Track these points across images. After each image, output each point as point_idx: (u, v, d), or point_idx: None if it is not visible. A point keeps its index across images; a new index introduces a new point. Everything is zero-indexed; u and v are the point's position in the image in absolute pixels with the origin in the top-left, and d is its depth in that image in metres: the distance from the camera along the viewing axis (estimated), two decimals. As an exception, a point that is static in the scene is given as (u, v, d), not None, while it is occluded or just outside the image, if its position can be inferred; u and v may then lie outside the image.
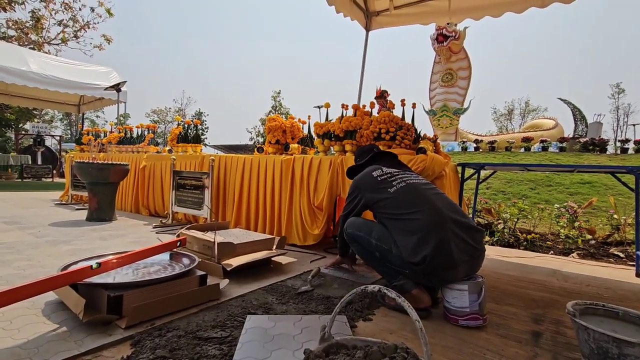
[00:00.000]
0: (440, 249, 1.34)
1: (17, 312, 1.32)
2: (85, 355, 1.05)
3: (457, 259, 1.35)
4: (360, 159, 1.94)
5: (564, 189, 5.34)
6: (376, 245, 1.52)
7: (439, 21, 3.53)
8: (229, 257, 1.87)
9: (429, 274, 1.38)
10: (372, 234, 1.55)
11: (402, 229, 1.45)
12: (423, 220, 1.41)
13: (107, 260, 1.38)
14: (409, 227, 1.43)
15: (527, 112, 29.16)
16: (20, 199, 4.87)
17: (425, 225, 1.40)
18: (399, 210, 1.50)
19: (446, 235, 1.37)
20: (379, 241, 1.52)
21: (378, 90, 2.69)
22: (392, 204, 1.54)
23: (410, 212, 1.47)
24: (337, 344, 0.85)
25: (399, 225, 1.47)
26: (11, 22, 12.47)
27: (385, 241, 1.49)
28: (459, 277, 1.39)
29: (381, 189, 1.61)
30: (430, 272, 1.36)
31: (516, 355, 1.18)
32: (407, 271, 1.43)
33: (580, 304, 1.24)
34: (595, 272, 2.36)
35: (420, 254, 1.35)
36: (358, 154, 1.99)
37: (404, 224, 1.46)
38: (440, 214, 1.43)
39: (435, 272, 1.36)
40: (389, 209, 1.54)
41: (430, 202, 1.49)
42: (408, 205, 1.49)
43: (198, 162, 3.43)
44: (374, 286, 0.78)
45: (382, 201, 1.57)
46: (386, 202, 1.56)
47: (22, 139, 12.91)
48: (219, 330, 1.23)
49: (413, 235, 1.39)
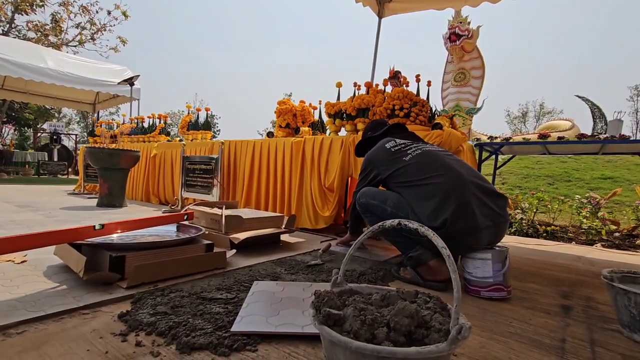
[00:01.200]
0: (462, 212, 1.25)
1: (18, 272, 1.28)
2: (83, 310, 0.99)
3: (479, 223, 1.26)
4: (372, 132, 1.85)
5: (584, 184, 5.13)
6: (392, 214, 1.42)
7: (455, 5, 3.43)
8: (236, 231, 1.81)
9: (449, 239, 1.27)
10: (386, 202, 1.46)
11: (420, 195, 1.36)
12: (442, 183, 1.32)
13: (110, 223, 1.34)
14: (427, 192, 1.34)
15: (542, 114, 28.53)
16: (35, 190, 4.93)
17: (445, 188, 1.30)
18: (415, 177, 1.41)
19: (468, 198, 1.27)
20: (395, 209, 1.42)
21: (391, 71, 2.61)
22: (408, 171, 1.45)
23: (427, 177, 1.37)
24: (350, 290, 0.77)
25: (416, 192, 1.38)
26: (31, 24, 12.85)
27: (402, 208, 1.40)
28: (481, 243, 1.30)
29: (396, 160, 1.51)
30: (450, 237, 1.25)
31: (546, 324, 1.08)
32: (424, 239, 1.33)
33: (616, 271, 1.14)
34: (623, 259, 2.22)
35: (440, 218, 1.25)
36: (370, 128, 1.91)
37: (421, 189, 1.37)
38: (460, 176, 1.34)
39: (456, 237, 1.25)
40: (404, 177, 1.45)
41: (449, 166, 1.39)
42: (425, 171, 1.40)
43: (208, 147, 3.40)
44: (393, 220, 0.71)
45: (397, 171, 1.48)
46: (401, 171, 1.47)
47: (39, 137, 13.23)
48: (225, 292, 1.16)
49: (432, 199, 1.30)
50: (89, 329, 0.88)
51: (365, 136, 1.88)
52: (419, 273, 1.40)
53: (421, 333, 0.58)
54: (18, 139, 16.21)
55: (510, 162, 5.08)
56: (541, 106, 28.83)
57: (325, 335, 0.58)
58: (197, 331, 0.87)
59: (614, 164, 5.70)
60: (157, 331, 0.87)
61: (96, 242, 1.28)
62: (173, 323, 0.90)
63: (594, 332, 1.04)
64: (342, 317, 0.61)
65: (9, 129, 16.56)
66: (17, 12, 12.38)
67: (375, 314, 0.62)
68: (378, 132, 1.80)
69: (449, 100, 12.40)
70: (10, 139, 16.50)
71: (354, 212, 1.79)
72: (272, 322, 0.93)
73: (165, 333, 0.86)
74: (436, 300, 0.70)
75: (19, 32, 12.91)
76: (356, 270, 1.53)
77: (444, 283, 1.35)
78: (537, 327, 1.05)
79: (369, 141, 1.81)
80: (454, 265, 0.58)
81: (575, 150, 3.29)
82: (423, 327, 0.59)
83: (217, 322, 0.92)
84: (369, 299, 0.72)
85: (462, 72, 12.50)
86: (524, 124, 28.99)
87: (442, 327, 0.58)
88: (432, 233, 0.63)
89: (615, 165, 5.62)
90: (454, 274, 0.57)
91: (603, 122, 8.07)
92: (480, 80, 12.53)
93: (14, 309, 0.96)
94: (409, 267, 1.44)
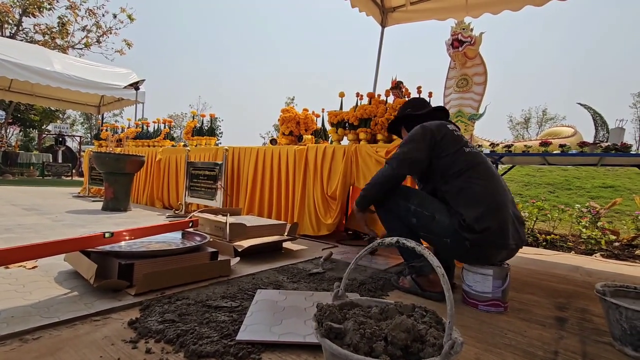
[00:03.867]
0: (501, 228, 1.27)
1: (30, 278, 1.32)
2: (94, 316, 1.04)
3: (509, 243, 1.28)
4: (413, 109, 1.64)
5: (585, 193, 5.15)
6: (414, 211, 1.37)
7: (457, 16, 3.48)
8: (240, 239, 1.85)
9: (477, 247, 1.28)
10: (410, 199, 1.39)
11: (469, 192, 1.31)
12: (492, 193, 1.32)
13: (119, 231, 1.38)
14: (475, 194, 1.30)
15: (544, 120, 28.53)
16: (40, 192, 4.99)
17: (494, 199, 1.31)
18: (470, 172, 1.35)
19: (508, 217, 1.30)
20: (420, 207, 1.36)
21: (393, 81, 2.66)
22: (465, 161, 1.36)
23: (480, 178, 1.34)
24: (351, 303, 0.81)
25: (466, 186, 1.32)
26: (38, 27, 13.02)
27: (427, 207, 1.36)
28: (495, 261, 1.33)
29: (457, 144, 1.40)
30: (479, 245, 1.27)
31: (540, 336, 1.11)
32: (448, 240, 1.32)
33: (610, 285, 1.17)
34: (621, 270, 2.24)
35: (484, 224, 1.25)
36: (410, 104, 1.69)
37: (471, 186, 1.32)
38: (506, 195, 1.36)
39: (484, 246, 1.27)
40: (459, 166, 1.36)
41: (498, 178, 1.40)
42: (479, 171, 1.35)
43: (212, 153, 3.45)
44: (392, 238, 0.75)
45: (455, 154, 1.37)
46: (460, 158, 1.36)
47: (44, 139, 13.35)
48: (229, 300, 1.21)
49: (480, 202, 1.29)
50: (100, 336, 0.92)
51: (404, 112, 1.67)
52: (418, 283, 1.43)
53: (417, 347, 0.62)
54: (23, 140, 16.36)
55: (512, 170, 5.11)
56: (544, 112, 28.81)
57: (327, 347, 0.61)
58: (204, 339, 0.91)
59: (615, 173, 5.73)
60: (166, 339, 0.91)
61: (105, 249, 1.32)
62: (181, 331, 0.94)
63: (586, 344, 1.07)
64: (343, 331, 0.65)
65: (14, 130, 16.71)
66: (24, 14, 12.55)
67: (374, 328, 0.66)
68: (421, 111, 1.61)
69: (451, 106, 12.34)
70: (15, 140, 16.64)
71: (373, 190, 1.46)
72: (275, 331, 0.97)
73: (174, 341, 0.90)
74: (432, 314, 0.73)
75: (26, 34, 13.08)
76: (357, 279, 1.57)
77: (442, 294, 1.38)
78: (531, 339, 1.09)
79: (408, 119, 1.64)
80: (447, 283, 0.62)
81: (574, 162, 3.32)
82: (419, 342, 0.63)
83: (223, 331, 0.96)
84: (369, 312, 0.76)
85: (465, 78, 12.45)
86: (527, 130, 28.98)
87: (437, 341, 0.62)
88: (427, 252, 0.66)
89: (617, 174, 5.64)
90: (447, 292, 0.61)
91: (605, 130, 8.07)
92: (483, 87, 12.47)
93: (28, 315, 1.01)
94: (408, 277, 1.47)
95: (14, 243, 1.83)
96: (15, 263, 1.04)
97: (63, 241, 1.16)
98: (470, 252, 1.31)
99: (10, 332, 0.89)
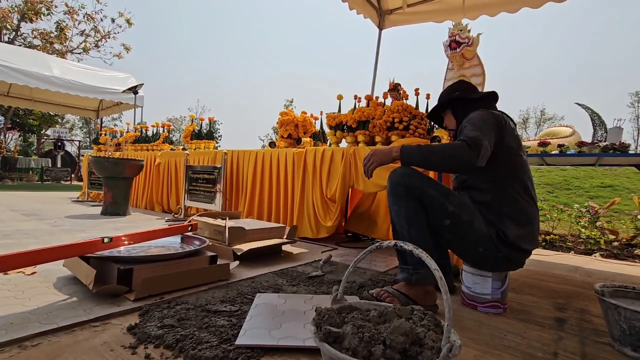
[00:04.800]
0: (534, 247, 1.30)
1: (29, 284, 1.32)
2: (94, 322, 1.04)
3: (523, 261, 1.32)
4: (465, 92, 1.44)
5: (584, 192, 5.16)
6: (452, 213, 1.23)
7: (454, 18, 3.50)
8: (239, 242, 1.85)
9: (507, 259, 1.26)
10: (449, 198, 1.25)
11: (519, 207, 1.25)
12: (536, 211, 1.31)
13: (118, 236, 1.38)
14: (528, 211, 1.27)
15: (542, 120, 28.61)
16: (39, 197, 4.99)
17: (538, 220, 1.31)
18: (527, 181, 1.29)
19: None
20: (458, 208, 1.24)
21: (391, 83, 2.67)
22: (525, 166, 1.29)
23: (531, 191, 1.30)
24: (350, 306, 0.81)
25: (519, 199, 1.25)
26: (37, 32, 13.05)
27: (466, 211, 1.25)
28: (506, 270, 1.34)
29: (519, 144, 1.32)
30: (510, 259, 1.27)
31: (539, 337, 1.11)
32: (480, 249, 1.25)
33: (608, 285, 1.17)
34: (621, 270, 2.25)
35: (528, 246, 1.27)
36: (460, 88, 1.48)
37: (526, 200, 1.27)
38: None
39: (513, 261, 1.28)
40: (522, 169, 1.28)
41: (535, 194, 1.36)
42: (530, 186, 1.31)
43: (211, 157, 3.45)
44: (390, 242, 0.75)
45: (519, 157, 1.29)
46: (521, 160, 1.29)
47: (43, 143, 13.35)
48: (229, 305, 1.21)
49: (531, 221, 1.27)
50: (99, 342, 0.92)
51: (452, 96, 1.45)
52: (410, 297, 1.27)
53: (415, 350, 0.62)
54: (22, 145, 16.35)
55: (510, 170, 5.14)
56: (542, 112, 28.90)
57: (326, 352, 0.62)
58: (203, 344, 0.91)
59: (614, 172, 5.74)
60: (165, 344, 0.91)
61: (104, 254, 1.32)
62: (180, 336, 0.94)
63: (585, 345, 1.07)
64: (342, 335, 0.65)
65: (12, 134, 16.70)
66: (23, 19, 12.57)
67: (373, 332, 0.66)
68: (476, 95, 1.43)
69: (450, 108, 12.04)
70: (14, 145, 16.64)
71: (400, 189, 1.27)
72: (275, 335, 0.97)
73: (173, 346, 0.90)
74: (430, 317, 0.73)
75: (24, 39, 13.10)
76: (356, 282, 1.57)
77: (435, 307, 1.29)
78: (531, 340, 1.09)
79: (459, 102, 1.44)
80: (445, 286, 0.62)
81: (572, 162, 3.33)
82: (417, 345, 0.63)
83: (222, 335, 0.96)
84: (367, 316, 0.76)
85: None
86: (525, 130, 29.05)
87: (435, 344, 0.62)
88: (425, 255, 0.67)
89: (615, 173, 5.66)
90: (445, 294, 0.61)
91: (603, 129, 8.09)
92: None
93: (27, 321, 1.00)
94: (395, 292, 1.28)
95: (13, 249, 1.83)
96: (14, 269, 1.04)
97: (62, 247, 1.16)
98: (498, 262, 1.27)
99: (9, 339, 0.89)
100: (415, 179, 1.26)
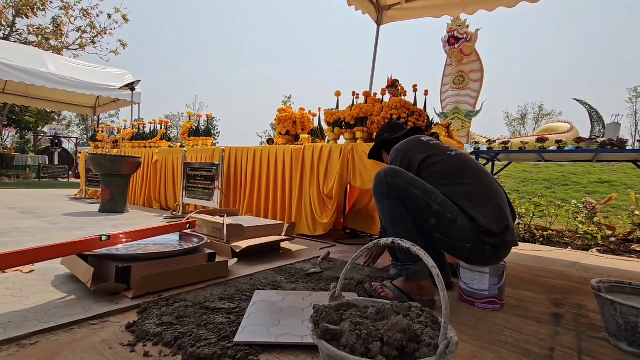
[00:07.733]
0: (510, 225, 1.25)
1: (27, 282, 1.32)
2: (92, 320, 1.04)
3: (515, 240, 1.28)
4: (390, 133, 1.71)
5: (581, 188, 5.18)
6: (436, 212, 1.24)
7: (452, 13, 3.50)
8: (238, 240, 1.85)
9: (500, 249, 1.25)
10: (432, 196, 1.26)
11: (472, 195, 1.27)
12: (494, 191, 1.29)
13: (116, 233, 1.38)
14: (480, 194, 1.27)
15: (540, 116, 28.61)
16: (36, 194, 4.97)
17: (499, 196, 1.29)
18: (460, 178, 1.32)
19: (508, 212, 1.29)
20: (442, 207, 1.24)
21: (389, 80, 2.66)
22: (451, 166, 1.35)
23: (474, 179, 1.32)
24: (347, 303, 0.81)
25: (465, 191, 1.28)
26: (32, 28, 12.92)
27: (449, 209, 1.25)
28: (501, 260, 1.30)
29: (434, 147, 1.41)
30: (499, 247, 1.24)
31: (536, 333, 1.12)
32: (468, 245, 1.24)
33: (605, 281, 1.18)
34: (618, 265, 2.26)
35: (503, 224, 1.23)
36: (387, 129, 1.76)
37: (471, 190, 1.28)
38: (502, 190, 1.34)
39: (502, 247, 1.25)
40: (446, 173, 1.33)
41: (490, 177, 1.36)
42: (469, 172, 1.33)
43: (209, 154, 3.44)
44: (387, 239, 0.75)
45: (438, 164, 1.35)
46: (443, 165, 1.35)
47: (40, 141, 13.28)
48: (227, 302, 1.21)
49: (489, 202, 1.25)
50: (98, 340, 0.92)
51: (382, 138, 1.73)
52: (404, 291, 1.30)
53: (412, 347, 0.62)
54: (19, 143, 16.26)
55: (509, 166, 5.14)
56: (540, 108, 28.90)
57: (323, 349, 0.62)
58: (202, 341, 0.91)
59: (611, 168, 5.76)
60: (164, 342, 0.91)
61: (102, 252, 1.32)
62: (178, 333, 0.94)
63: (582, 340, 1.08)
64: (339, 332, 0.65)
65: (9, 132, 16.61)
66: (18, 15, 12.44)
67: (370, 329, 0.66)
68: (398, 134, 1.66)
69: (448, 103, 12.36)
70: (11, 142, 16.55)
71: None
72: (273, 332, 0.98)
73: (172, 343, 0.90)
74: (428, 314, 0.74)
75: (19, 35, 12.98)
76: (354, 278, 1.57)
77: (432, 302, 1.30)
78: (528, 335, 1.10)
79: (387, 143, 1.69)
80: (442, 283, 0.62)
81: (569, 158, 3.32)
82: (414, 342, 0.63)
83: (221, 333, 0.96)
84: (365, 313, 0.76)
85: (461, 75, 12.45)
86: (523, 126, 29.06)
87: (432, 341, 0.62)
88: (423, 253, 0.67)
89: (613, 169, 5.67)
90: (442, 292, 0.61)
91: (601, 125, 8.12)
92: (479, 83, 12.50)
93: (25, 319, 1.00)
94: (389, 285, 1.34)
95: (10, 247, 1.83)
96: (12, 268, 1.04)
97: (59, 245, 1.15)
98: (488, 256, 1.26)
99: (8, 338, 0.89)
100: (399, 179, 1.29)
